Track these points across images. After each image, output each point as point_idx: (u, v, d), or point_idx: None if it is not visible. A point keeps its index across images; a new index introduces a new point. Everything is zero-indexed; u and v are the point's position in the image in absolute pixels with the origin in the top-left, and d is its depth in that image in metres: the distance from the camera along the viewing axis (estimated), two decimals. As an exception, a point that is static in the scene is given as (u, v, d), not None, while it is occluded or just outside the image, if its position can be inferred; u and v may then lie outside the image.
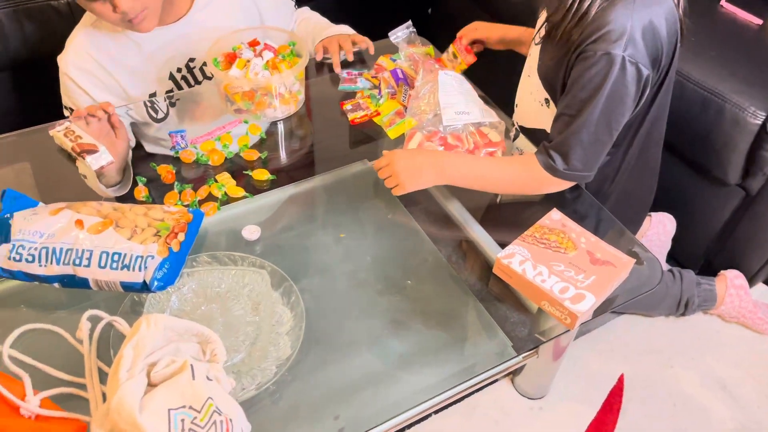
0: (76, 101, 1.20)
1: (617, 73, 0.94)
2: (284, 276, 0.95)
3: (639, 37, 0.93)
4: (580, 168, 1.02)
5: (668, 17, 0.98)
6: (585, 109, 0.97)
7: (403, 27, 1.30)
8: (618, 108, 0.98)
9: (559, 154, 1.01)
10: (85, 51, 1.17)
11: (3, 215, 0.91)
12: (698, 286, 1.45)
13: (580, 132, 0.99)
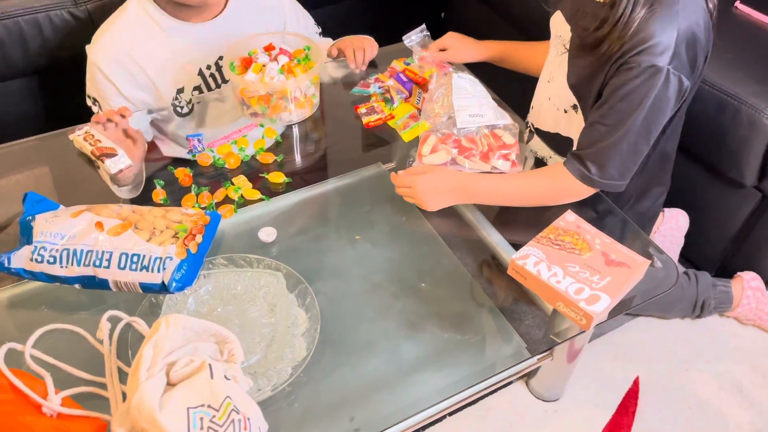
0: (102, 92, 1.21)
1: (661, 85, 0.94)
2: (300, 278, 0.96)
3: (683, 48, 0.94)
4: (617, 177, 1.02)
5: (705, 24, 0.98)
6: (626, 120, 0.97)
7: (417, 31, 1.31)
8: (658, 118, 0.98)
9: (595, 164, 1.02)
10: (118, 42, 1.19)
11: (25, 218, 0.93)
12: (714, 288, 1.44)
13: (620, 143, 0.99)
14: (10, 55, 1.49)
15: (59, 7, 1.47)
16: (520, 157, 1.16)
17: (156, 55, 1.21)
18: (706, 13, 0.99)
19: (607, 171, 1.02)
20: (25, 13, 1.45)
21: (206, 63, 1.25)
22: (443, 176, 1.07)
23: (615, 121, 0.98)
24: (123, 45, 1.19)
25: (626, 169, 1.03)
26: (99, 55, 1.19)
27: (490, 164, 1.14)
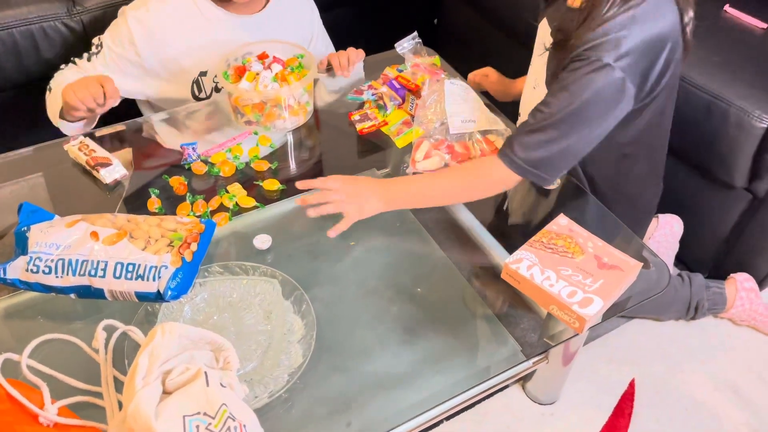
0: (117, 46, 1.23)
1: (602, 81, 0.94)
2: (295, 285, 0.96)
3: (635, 50, 0.94)
4: (541, 167, 1.00)
5: (673, 39, 0.98)
6: (562, 108, 0.97)
7: (409, 38, 1.32)
8: (595, 115, 0.97)
9: (522, 147, 1.00)
10: (154, 14, 1.22)
11: (20, 228, 0.93)
12: (708, 290, 1.44)
13: (549, 129, 0.98)
14: (4, 66, 1.50)
15: (54, 18, 1.48)
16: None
17: (190, 36, 1.25)
18: (676, 29, 0.99)
19: (531, 155, 0.99)
20: (19, 24, 1.45)
21: (234, 56, 1.27)
22: (365, 182, 1.05)
23: (551, 108, 0.97)
24: (160, 16, 1.22)
25: (552, 160, 1.00)
26: (135, 13, 1.22)
27: (483, 169, 1.15)
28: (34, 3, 1.51)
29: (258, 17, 1.29)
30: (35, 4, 1.51)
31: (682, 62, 1.06)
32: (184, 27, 1.24)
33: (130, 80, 1.24)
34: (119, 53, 1.23)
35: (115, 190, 1.12)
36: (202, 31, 1.25)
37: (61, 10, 1.51)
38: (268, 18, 1.30)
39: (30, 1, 1.51)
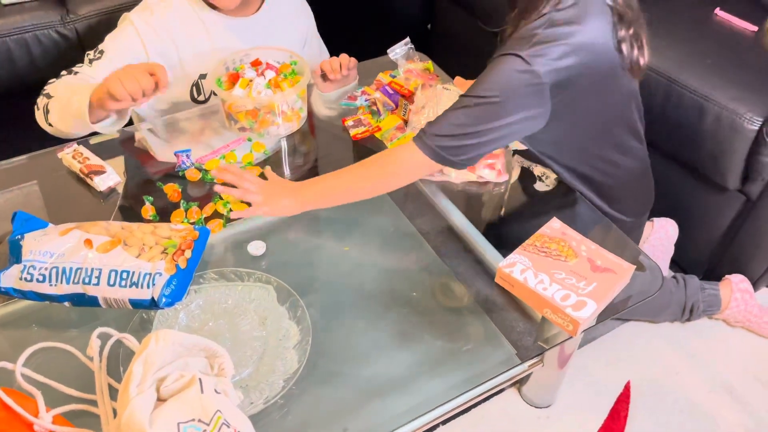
0: (122, 47, 1.21)
1: (513, 71, 0.95)
2: (290, 291, 0.96)
3: (552, 51, 0.94)
4: (445, 147, 0.99)
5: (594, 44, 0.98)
6: (474, 89, 0.98)
7: (402, 44, 1.32)
8: (502, 105, 0.96)
9: (431, 123, 1.01)
10: (158, 14, 1.23)
11: (14, 237, 0.93)
12: (703, 292, 1.45)
13: (459, 108, 0.99)
14: (-1, 74, 1.50)
15: (47, 26, 1.48)
16: (506, 166, 1.17)
17: (189, 36, 1.25)
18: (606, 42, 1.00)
19: (444, 141, 0.99)
20: (13, 33, 1.46)
21: (232, 57, 1.27)
22: (281, 183, 1.07)
23: (466, 96, 0.99)
24: (161, 20, 1.23)
25: (463, 146, 0.99)
26: (139, 17, 1.22)
27: (476, 173, 1.16)
28: (28, 11, 1.51)
29: (252, 20, 1.30)
30: (29, 13, 1.51)
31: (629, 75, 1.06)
32: (186, 30, 1.25)
33: None
34: (125, 55, 1.21)
35: (109, 198, 1.12)
36: (200, 34, 1.26)
37: (54, 18, 1.51)
38: (263, 20, 1.31)
39: (24, 9, 1.51)
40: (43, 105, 1.14)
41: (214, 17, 1.26)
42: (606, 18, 1.00)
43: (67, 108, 1.10)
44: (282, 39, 1.31)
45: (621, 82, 1.06)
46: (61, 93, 1.13)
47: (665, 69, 1.41)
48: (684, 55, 1.43)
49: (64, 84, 1.16)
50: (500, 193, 1.17)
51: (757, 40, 1.50)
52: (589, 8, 0.98)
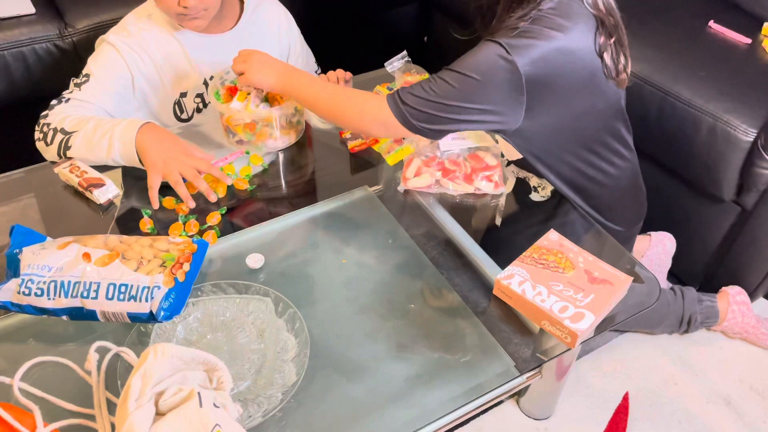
0: (106, 67, 1.21)
1: (489, 54, 0.96)
2: (288, 303, 0.96)
3: (531, 45, 0.96)
4: (414, 113, 1.01)
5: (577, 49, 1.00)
6: (450, 71, 1.00)
7: (399, 57, 1.33)
8: (474, 84, 0.98)
9: (409, 96, 1.02)
10: (135, 33, 1.23)
11: (12, 251, 0.93)
12: (700, 303, 1.45)
13: (435, 80, 1.01)
14: (-5, 88, 1.50)
15: (45, 40, 1.49)
16: (503, 177, 1.18)
17: (168, 54, 1.25)
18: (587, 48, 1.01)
19: (415, 107, 1.01)
20: (10, 46, 1.46)
21: (210, 74, 1.28)
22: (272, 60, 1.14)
23: (446, 69, 1.01)
24: (138, 39, 1.23)
25: (432, 117, 1.01)
26: (117, 38, 1.22)
27: (474, 186, 1.16)
28: (26, 25, 1.52)
29: (230, 35, 1.29)
30: (27, 26, 1.52)
31: (612, 83, 1.07)
32: (162, 50, 1.24)
33: (121, 103, 1.24)
34: (112, 75, 1.22)
35: (107, 211, 1.12)
36: (178, 53, 1.26)
37: (52, 31, 1.52)
38: (241, 35, 1.30)
39: (22, 23, 1.52)
40: (59, 141, 1.13)
41: (189, 36, 1.25)
42: (588, 24, 1.01)
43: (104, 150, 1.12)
44: (264, 51, 1.30)
45: (604, 88, 1.07)
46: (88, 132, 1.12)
47: (659, 81, 1.42)
48: (678, 66, 1.45)
49: (77, 119, 1.15)
50: (497, 205, 1.18)
51: (751, 51, 1.52)
52: (571, 13, 1.00)
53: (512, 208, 1.19)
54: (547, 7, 0.98)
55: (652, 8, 1.65)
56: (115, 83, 1.22)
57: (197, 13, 1.16)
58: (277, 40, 1.38)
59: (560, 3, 0.99)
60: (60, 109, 1.17)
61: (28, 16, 1.54)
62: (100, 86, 1.20)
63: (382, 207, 1.17)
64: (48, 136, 1.14)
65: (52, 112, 1.17)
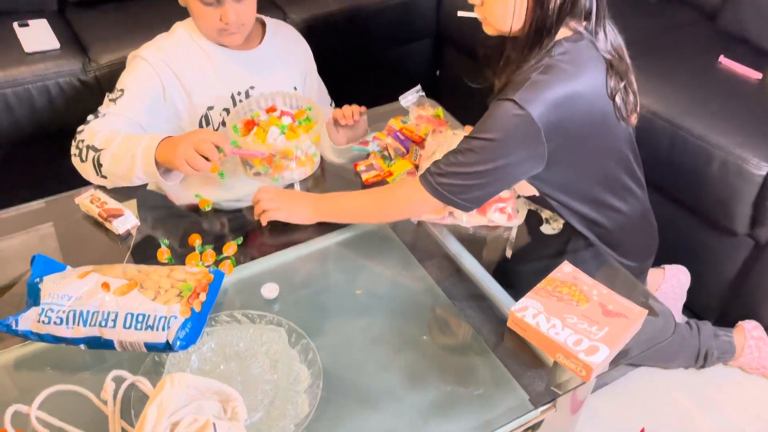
0: (140, 81, 1.25)
1: (508, 115, 0.98)
2: (301, 333, 0.97)
3: (544, 97, 0.97)
4: (447, 186, 1.04)
5: (588, 93, 1.02)
6: (475, 134, 1.02)
7: (413, 91, 1.36)
8: (500, 147, 1.00)
9: (435, 165, 1.05)
10: (165, 50, 1.29)
11: (33, 279, 0.94)
12: (716, 338, 1.44)
13: (461, 152, 1.03)
14: (19, 120, 1.54)
15: (69, 74, 1.53)
16: (515, 209, 1.19)
17: (196, 69, 1.31)
18: (599, 92, 1.03)
19: (447, 180, 1.03)
20: (36, 80, 1.51)
21: (237, 89, 1.34)
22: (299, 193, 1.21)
23: (469, 138, 1.03)
24: (169, 54, 1.28)
25: (466, 187, 1.03)
26: (149, 53, 1.27)
27: (487, 217, 1.17)
28: (51, 60, 1.57)
29: (254, 53, 1.36)
30: (52, 61, 1.57)
31: (624, 123, 1.09)
32: (191, 63, 1.30)
33: (153, 115, 1.27)
34: (146, 89, 1.26)
35: (126, 241, 1.14)
36: (207, 68, 1.32)
37: (76, 66, 1.57)
38: (264, 54, 1.37)
39: (47, 58, 1.57)
40: (91, 158, 1.17)
41: (218, 51, 1.32)
42: (599, 67, 1.03)
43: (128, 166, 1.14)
44: (284, 70, 1.39)
45: (615, 128, 1.09)
46: (114, 149, 1.15)
47: (670, 115, 1.44)
48: (689, 101, 1.46)
49: (106, 136, 1.18)
50: (509, 237, 1.18)
51: (762, 86, 1.53)
52: (581, 57, 1.01)
53: (525, 240, 1.19)
54: (558, 53, 1.00)
55: (662, 43, 1.68)
56: (147, 96, 1.27)
57: (236, 28, 1.26)
58: (295, 59, 1.45)
59: (571, 48, 1.01)
60: (94, 124, 1.21)
61: (53, 51, 1.59)
62: (133, 100, 1.24)
63: (396, 238, 1.18)
64: (82, 152, 1.19)
65: (87, 127, 1.21)
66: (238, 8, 1.23)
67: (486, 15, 1.04)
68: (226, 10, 1.21)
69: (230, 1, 1.21)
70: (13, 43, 1.61)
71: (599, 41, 1.04)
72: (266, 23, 1.40)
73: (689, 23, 1.82)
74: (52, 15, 1.79)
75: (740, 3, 1.70)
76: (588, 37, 1.03)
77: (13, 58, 1.56)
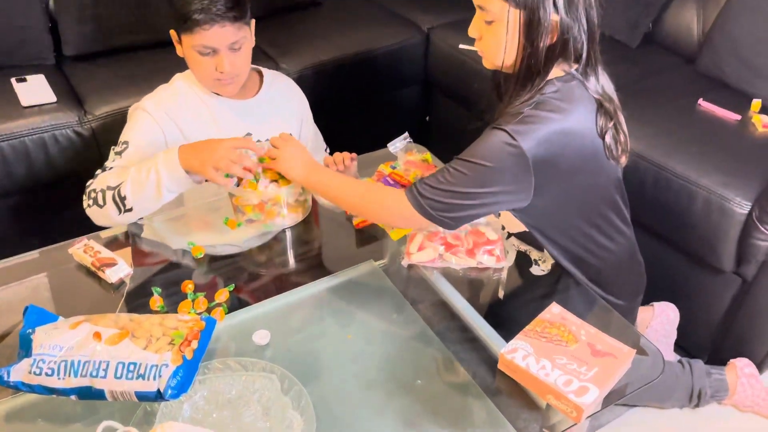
0: (143, 133, 1.29)
1: (497, 141, 1.01)
2: (293, 380, 0.96)
3: (534, 130, 1.01)
4: (434, 204, 1.05)
5: (578, 130, 1.05)
6: (465, 156, 1.04)
7: (401, 138, 1.39)
8: (487, 172, 1.02)
9: (422, 182, 1.07)
10: (164, 102, 1.32)
11: (25, 330, 0.95)
12: (709, 377, 1.44)
13: (448, 170, 1.05)
14: (15, 172, 1.56)
15: (65, 126, 1.56)
16: (504, 251, 1.20)
17: (196, 118, 1.34)
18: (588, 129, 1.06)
19: (434, 198, 1.05)
20: (31, 133, 1.53)
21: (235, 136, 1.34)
22: (304, 154, 1.21)
23: (460, 156, 1.06)
24: (169, 104, 1.32)
25: (451, 206, 1.05)
26: (150, 104, 1.31)
27: (476, 260, 1.19)
28: (48, 113, 1.60)
29: (251, 102, 1.40)
30: (48, 114, 1.60)
31: (612, 161, 1.12)
32: (190, 112, 1.34)
33: None
34: (148, 141, 1.30)
35: (119, 290, 1.15)
36: (206, 118, 1.35)
37: (72, 119, 1.60)
38: (261, 103, 1.41)
39: (44, 111, 1.60)
40: (111, 197, 1.19)
41: (217, 101, 1.36)
42: (589, 107, 1.07)
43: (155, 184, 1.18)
44: (281, 118, 1.42)
45: (605, 166, 1.11)
46: (133, 176, 1.18)
47: (653, 156, 1.47)
48: (671, 142, 1.50)
49: (117, 174, 1.22)
50: (499, 278, 1.20)
51: (741, 127, 1.57)
52: (572, 96, 1.05)
53: (514, 281, 1.21)
54: (550, 92, 1.04)
55: (644, 87, 1.73)
56: (150, 146, 1.30)
57: (231, 78, 1.29)
58: (293, 110, 1.49)
59: (562, 87, 1.05)
60: (103, 176, 1.25)
61: (50, 104, 1.62)
62: (137, 151, 1.28)
63: (388, 281, 1.19)
64: (98, 199, 1.21)
65: (95, 180, 1.25)
66: (233, 58, 1.26)
67: (483, 49, 1.09)
68: (221, 60, 1.25)
69: (225, 51, 1.25)
70: (11, 98, 1.64)
71: (590, 83, 1.07)
72: (263, 73, 1.44)
73: (669, 67, 1.88)
74: (50, 68, 1.83)
75: (718, 48, 1.76)
76: (579, 78, 1.07)
77: (10, 112, 1.59)
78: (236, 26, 1.23)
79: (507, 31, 1.02)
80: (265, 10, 2.12)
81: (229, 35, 1.23)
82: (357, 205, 1.18)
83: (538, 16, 0.99)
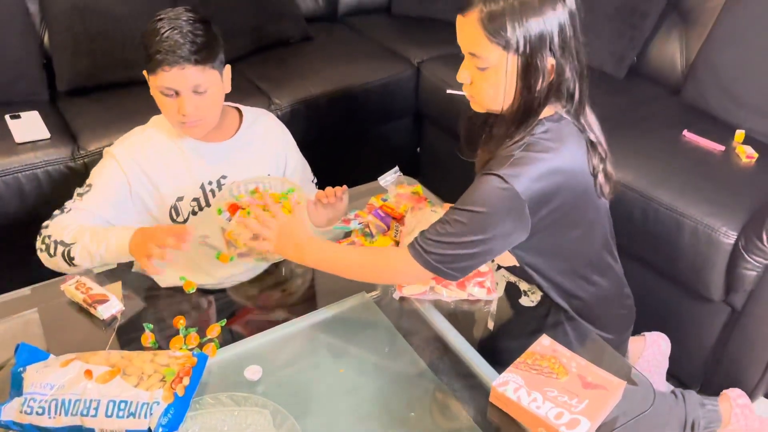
0: (108, 178, 1.29)
1: (492, 188, 1.02)
2: (286, 415, 0.96)
3: (528, 172, 1.02)
4: (437, 257, 1.05)
5: (569, 169, 1.07)
6: (462, 207, 1.05)
7: (391, 172, 1.41)
8: (486, 219, 1.03)
9: (423, 236, 1.07)
10: (137, 146, 1.31)
11: (16, 369, 0.94)
12: (703, 407, 1.44)
13: (449, 223, 1.05)
14: (7, 208, 1.56)
15: (58, 162, 1.57)
16: (494, 283, 1.21)
17: (165, 163, 1.32)
18: (579, 168, 1.08)
19: (437, 251, 1.05)
20: (24, 169, 1.54)
21: (209, 179, 1.34)
22: (296, 230, 1.16)
23: (456, 206, 1.06)
24: (137, 149, 1.31)
25: (455, 258, 1.05)
26: (120, 150, 1.30)
27: (467, 291, 1.20)
28: (41, 149, 1.61)
29: (229, 144, 1.37)
30: (42, 150, 1.61)
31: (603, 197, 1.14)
32: (164, 158, 1.32)
33: (119, 210, 1.29)
34: (111, 186, 1.29)
35: (110, 326, 1.15)
36: (178, 160, 1.33)
37: (65, 154, 1.61)
38: (239, 144, 1.38)
39: (37, 147, 1.61)
40: (61, 252, 1.20)
41: (190, 144, 1.33)
42: (580, 144, 1.09)
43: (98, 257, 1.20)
44: (257, 158, 1.39)
45: (596, 202, 1.13)
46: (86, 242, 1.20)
47: (641, 187, 1.49)
48: (657, 173, 1.53)
49: (73, 231, 1.22)
50: (489, 310, 1.20)
51: (726, 158, 1.60)
52: (562, 134, 1.07)
53: (505, 313, 1.21)
54: (540, 132, 1.05)
55: (630, 118, 1.76)
56: (113, 192, 1.29)
57: (195, 122, 1.25)
58: (271, 152, 1.44)
59: (552, 126, 1.06)
60: (59, 219, 1.25)
61: (44, 140, 1.63)
62: (99, 196, 1.28)
63: (380, 313, 1.19)
64: (50, 248, 1.21)
65: (52, 222, 1.25)
66: (197, 101, 1.22)
67: (474, 94, 1.09)
68: (183, 102, 1.21)
69: (188, 94, 1.20)
70: (4, 134, 1.66)
71: (580, 122, 1.09)
72: (243, 114, 1.41)
73: (655, 98, 1.92)
74: (44, 104, 1.85)
75: (702, 79, 1.80)
76: (568, 118, 1.09)
77: (4, 148, 1.61)
78: (199, 68, 1.20)
79: (506, 78, 1.03)
80: (257, 45, 2.15)
81: (190, 78, 1.20)
82: (364, 273, 1.16)
83: (535, 61, 1.00)
